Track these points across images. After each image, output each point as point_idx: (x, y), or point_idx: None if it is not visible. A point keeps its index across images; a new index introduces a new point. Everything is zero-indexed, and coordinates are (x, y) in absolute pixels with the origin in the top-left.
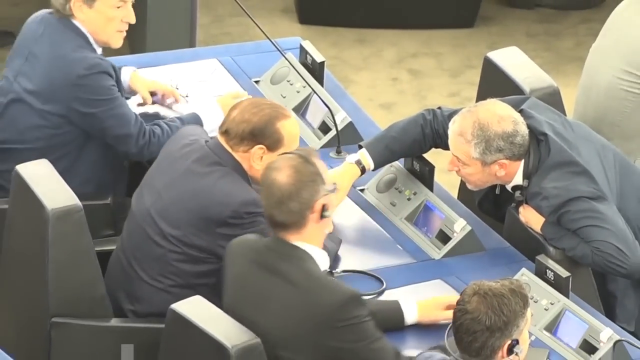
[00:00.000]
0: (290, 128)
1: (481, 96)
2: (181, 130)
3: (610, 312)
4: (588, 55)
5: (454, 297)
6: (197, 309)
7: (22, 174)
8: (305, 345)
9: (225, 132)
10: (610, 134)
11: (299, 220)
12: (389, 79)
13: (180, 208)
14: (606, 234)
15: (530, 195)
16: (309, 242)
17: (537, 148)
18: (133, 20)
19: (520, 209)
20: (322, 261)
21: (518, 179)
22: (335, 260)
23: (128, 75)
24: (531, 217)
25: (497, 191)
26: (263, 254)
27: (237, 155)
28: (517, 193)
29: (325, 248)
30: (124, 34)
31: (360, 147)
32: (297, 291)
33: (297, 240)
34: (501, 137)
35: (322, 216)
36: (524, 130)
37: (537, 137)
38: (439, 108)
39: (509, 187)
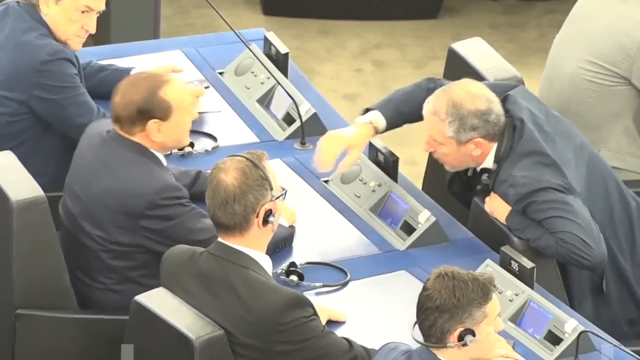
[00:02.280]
0: (174, 91)
1: None
2: (88, 128)
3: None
4: (552, 46)
5: (341, 315)
6: (161, 301)
7: None
8: (255, 352)
9: (116, 119)
10: (574, 124)
11: (242, 223)
12: (352, 70)
13: (98, 208)
14: (571, 225)
15: (499, 181)
16: (252, 246)
17: (512, 133)
18: (93, 31)
19: (487, 199)
20: (267, 266)
21: (489, 162)
22: (299, 252)
23: None
24: (496, 207)
25: (470, 173)
26: (202, 264)
27: (137, 138)
28: (485, 176)
29: (275, 234)
30: (82, 39)
31: (367, 110)
32: (238, 299)
33: (241, 244)
34: (475, 114)
35: (265, 221)
36: (498, 109)
37: (514, 122)
38: (439, 79)
39: (478, 168)
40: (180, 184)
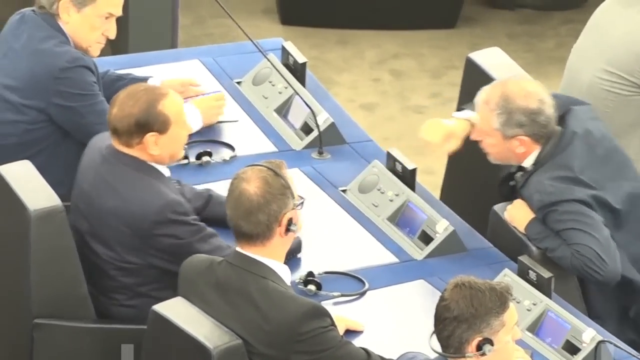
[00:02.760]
0: (172, 105)
1: (463, 97)
2: (89, 144)
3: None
4: (570, 55)
5: (358, 324)
6: (178, 310)
7: (4, 174)
8: None
9: (113, 131)
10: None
11: (265, 232)
12: (370, 79)
13: (105, 229)
14: (589, 239)
15: (528, 183)
16: (272, 256)
17: (558, 143)
18: (113, 36)
19: (508, 207)
20: (285, 276)
21: (528, 162)
22: (316, 261)
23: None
24: (516, 216)
25: (513, 170)
26: (220, 273)
27: (134, 151)
28: (519, 174)
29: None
30: (102, 45)
31: (462, 108)
32: (257, 309)
33: (261, 254)
34: (523, 112)
35: (287, 230)
36: (549, 113)
37: (565, 133)
38: None
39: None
40: (192, 206)
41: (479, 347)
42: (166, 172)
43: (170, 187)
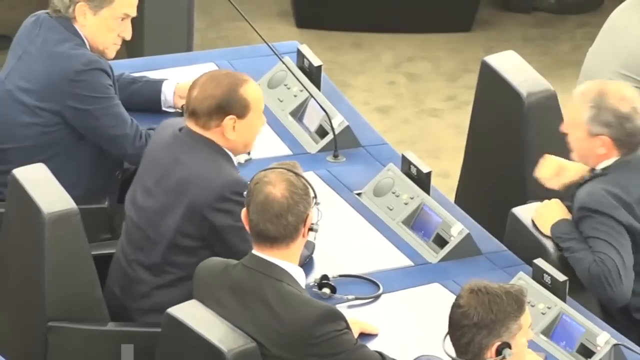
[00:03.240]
0: (254, 90)
1: (478, 100)
2: (160, 125)
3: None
4: (585, 59)
5: (373, 328)
6: (193, 313)
7: (19, 177)
8: None
9: (192, 113)
10: None
11: (292, 233)
12: (385, 82)
13: (171, 201)
14: (615, 254)
15: (588, 184)
16: (288, 259)
17: (634, 160)
18: (129, 37)
19: (538, 205)
20: (300, 278)
21: (601, 166)
22: (331, 264)
23: (171, 89)
24: (544, 214)
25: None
26: (235, 276)
27: (210, 134)
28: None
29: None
30: (118, 47)
31: None
32: (271, 312)
33: (278, 256)
34: (613, 112)
35: (310, 229)
36: (639, 123)
37: None
38: None
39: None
40: None
41: (499, 352)
42: (235, 160)
43: (238, 172)
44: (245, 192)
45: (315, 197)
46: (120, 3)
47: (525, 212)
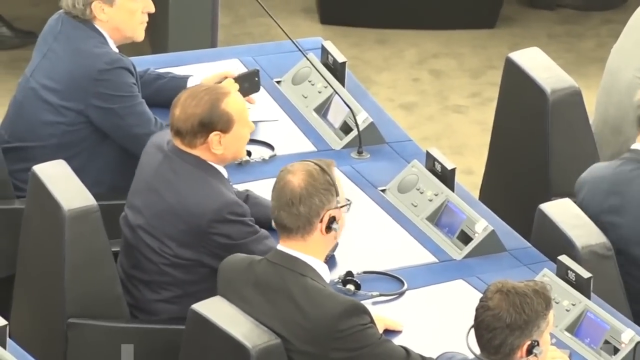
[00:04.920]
0: (235, 103)
1: (502, 97)
2: (149, 142)
3: None
4: (609, 56)
5: (397, 324)
6: (217, 309)
7: (39, 174)
8: (312, 358)
9: (177, 133)
10: (632, 132)
11: (305, 225)
12: (409, 79)
13: (161, 224)
14: None
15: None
16: (312, 254)
17: None
18: (153, 9)
19: None
20: (324, 274)
21: None
22: (355, 261)
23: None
24: None
25: None
26: (260, 271)
27: (197, 151)
28: None
29: None
30: (145, 25)
31: None
32: (296, 306)
33: (301, 250)
34: None
35: (329, 228)
36: None
37: None
38: None
39: None
40: None
41: (529, 351)
42: (225, 172)
43: (229, 188)
44: (238, 210)
45: (338, 195)
46: None
47: (553, 208)
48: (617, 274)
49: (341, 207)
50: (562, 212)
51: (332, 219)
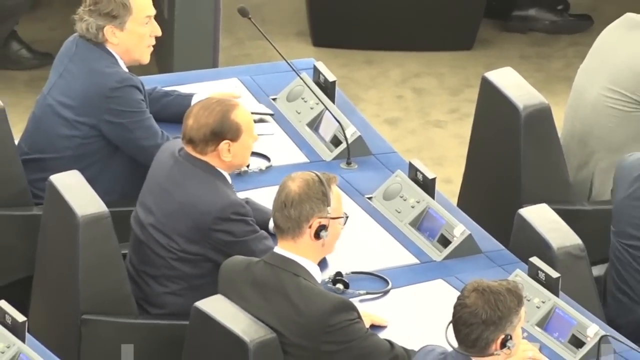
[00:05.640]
0: (243, 114)
1: (479, 113)
2: (162, 147)
3: None
4: (576, 75)
5: (382, 319)
6: (218, 307)
7: (55, 183)
8: (305, 351)
9: (189, 141)
10: (597, 146)
11: (294, 228)
12: (394, 96)
13: (170, 222)
14: None
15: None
16: (304, 255)
17: None
18: (159, 32)
19: None
20: (316, 274)
21: None
22: (344, 262)
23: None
24: None
25: None
26: (257, 272)
27: (207, 158)
28: None
29: None
30: (152, 48)
31: None
32: (290, 303)
33: (293, 250)
34: None
35: (317, 235)
36: None
37: None
38: None
39: None
40: None
41: (503, 344)
42: (229, 178)
43: (233, 192)
44: (241, 210)
45: (329, 205)
46: (138, 9)
47: (531, 213)
48: (589, 272)
49: (333, 218)
50: (539, 216)
51: (322, 227)
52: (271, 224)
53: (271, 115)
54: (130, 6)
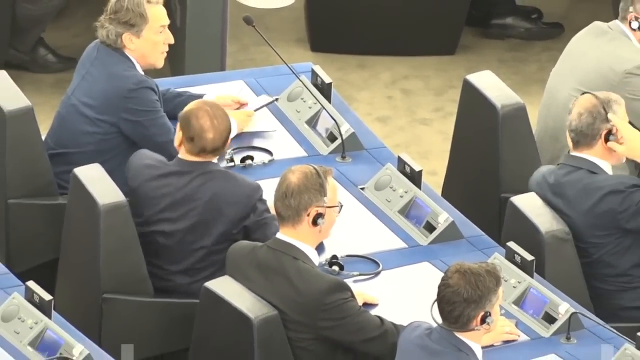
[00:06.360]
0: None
1: (461, 111)
2: (132, 163)
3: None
4: (549, 77)
5: (374, 298)
6: (226, 287)
7: (79, 175)
8: (304, 327)
9: (213, 150)
10: (566, 140)
11: (294, 216)
12: (384, 97)
13: (202, 220)
14: None
15: None
16: (302, 240)
17: None
18: (172, 41)
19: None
20: (314, 258)
21: None
22: (339, 246)
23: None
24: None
25: None
26: (261, 255)
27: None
28: None
29: None
30: (165, 54)
31: None
32: (290, 284)
33: (293, 236)
34: None
35: (315, 222)
36: None
37: None
38: None
39: None
40: None
41: (483, 320)
42: None
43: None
44: (261, 192)
45: (325, 195)
46: (154, 19)
47: (521, 201)
48: (574, 253)
49: (329, 207)
50: (528, 203)
51: (319, 215)
52: None
53: (275, 100)
54: (146, 16)
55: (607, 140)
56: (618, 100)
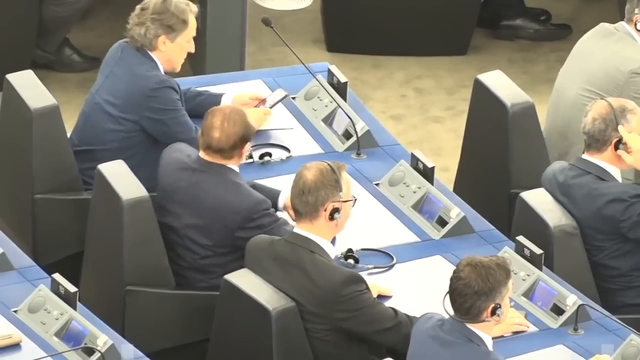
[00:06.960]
0: (252, 117)
1: (472, 110)
2: (165, 156)
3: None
4: (557, 77)
5: (388, 290)
6: (245, 279)
7: (103, 171)
8: (320, 318)
9: (219, 151)
10: (575, 139)
11: (311, 212)
12: (398, 95)
13: (203, 224)
14: None
15: None
16: (319, 234)
17: None
18: (193, 50)
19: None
20: (330, 251)
21: None
22: (355, 240)
23: (229, 100)
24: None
25: None
26: (279, 249)
27: (230, 162)
28: None
29: None
30: (183, 60)
31: None
32: (307, 277)
33: (310, 230)
34: None
35: (332, 217)
36: None
37: None
38: None
39: None
40: None
41: (493, 312)
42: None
43: (249, 187)
44: (265, 206)
45: (341, 191)
46: (190, 30)
47: (531, 196)
48: (582, 247)
49: (344, 201)
50: (538, 199)
51: (335, 210)
52: (280, 202)
53: (287, 96)
54: (188, 23)
55: (617, 147)
56: (634, 110)
